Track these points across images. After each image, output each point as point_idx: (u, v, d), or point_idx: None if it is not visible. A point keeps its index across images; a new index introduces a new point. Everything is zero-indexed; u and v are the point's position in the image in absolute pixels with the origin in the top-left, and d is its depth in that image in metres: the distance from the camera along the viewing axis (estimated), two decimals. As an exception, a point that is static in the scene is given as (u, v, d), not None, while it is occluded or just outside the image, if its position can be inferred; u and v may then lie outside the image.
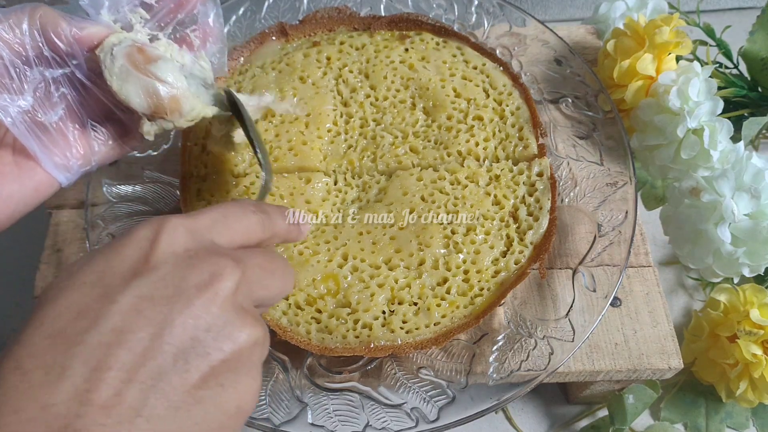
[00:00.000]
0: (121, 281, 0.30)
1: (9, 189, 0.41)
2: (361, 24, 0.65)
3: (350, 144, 0.58)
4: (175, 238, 0.32)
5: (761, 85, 0.71)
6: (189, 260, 0.31)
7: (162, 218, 0.32)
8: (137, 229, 0.32)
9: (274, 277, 0.35)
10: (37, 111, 0.42)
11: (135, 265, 0.30)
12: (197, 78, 0.47)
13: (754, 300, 0.57)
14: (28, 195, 0.42)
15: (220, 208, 0.35)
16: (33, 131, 0.42)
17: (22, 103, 0.41)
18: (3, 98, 0.40)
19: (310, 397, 0.48)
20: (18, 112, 0.41)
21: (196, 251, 0.32)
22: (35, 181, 0.43)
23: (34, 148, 0.42)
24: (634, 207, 0.55)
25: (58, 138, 0.43)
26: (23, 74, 0.41)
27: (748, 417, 0.62)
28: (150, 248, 0.31)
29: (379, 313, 0.49)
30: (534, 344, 0.50)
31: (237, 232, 0.35)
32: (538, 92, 0.64)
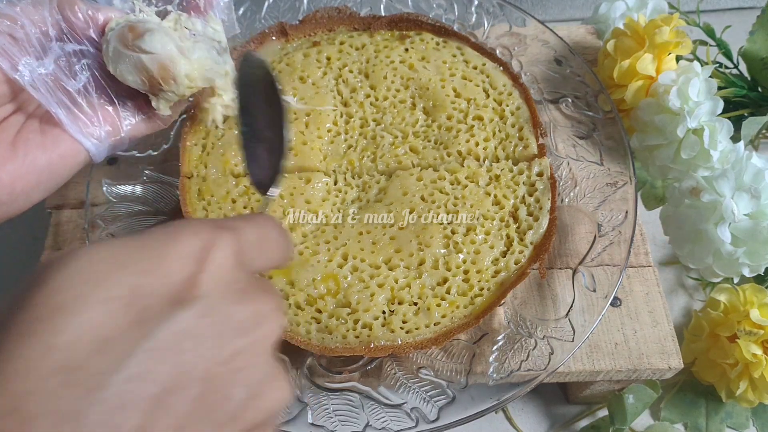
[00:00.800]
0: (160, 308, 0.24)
1: (33, 156, 0.40)
2: (361, 24, 0.65)
3: (350, 144, 0.58)
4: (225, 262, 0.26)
5: (761, 85, 0.71)
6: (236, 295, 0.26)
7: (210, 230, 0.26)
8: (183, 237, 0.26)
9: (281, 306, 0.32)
10: (60, 77, 0.42)
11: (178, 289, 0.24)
12: (211, 42, 0.47)
13: (754, 300, 0.57)
14: (54, 162, 0.41)
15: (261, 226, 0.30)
16: (55, 94, 0.41)
17: (43, 70, 0.41)
18: (23, 62, 0.40)
19: (310, 397, 0.48)
20: (39, 74, 0.41)
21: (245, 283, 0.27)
22: (60, 148, 0.42)
23: (57, 112, 0.41)
24: (634, 207, 0.55)
25: (83, 104, 0.43)
26: (44, 44, 0.41)
27: (748, 417, 0.62)
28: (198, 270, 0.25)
29: (379, 313, 0.49)
30: (534, 344, 0.50)
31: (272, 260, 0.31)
32: (538, 92, 0.64)
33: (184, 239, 0.25)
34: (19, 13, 0.40)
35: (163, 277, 0.24)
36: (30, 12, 0.41)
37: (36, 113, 0.43)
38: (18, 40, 0.40)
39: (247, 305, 0.26)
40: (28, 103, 0.43)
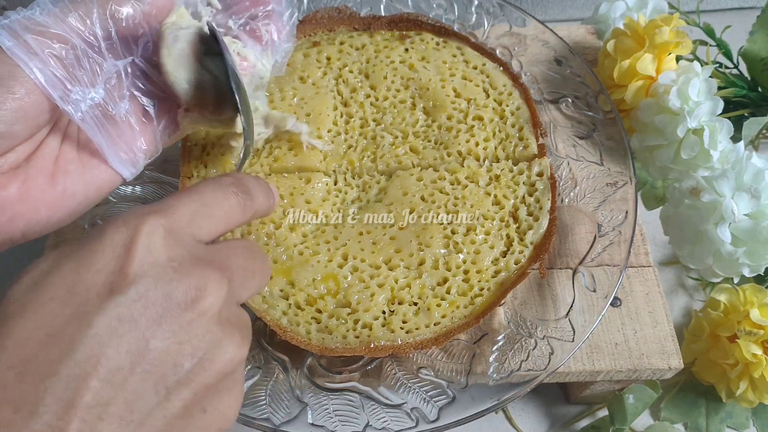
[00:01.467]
0: (96, 299, 0.26)
1: (72, 187, 0.40)
2: (361, 24, 0.65)
3: (350, 144, 0.58)
4: (155, 243, 0.28)
5: (761, 85, 0.71)
6: (172, 273, 0.28)
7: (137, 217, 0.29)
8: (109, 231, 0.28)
9: (255, 277, 0.33)
10: (108, 104, 0.40)
11: (111, 279, 0.27)
12: (254, 78, 0.46)
13: (754, 300, 0.57)
14: (91, 193, 0.41)
15: (198, 195, 0.32)
16: (102, 126, 0.40)
17: (95, 96, 0.39)
18: (75, 91, 0.38)
19: (310, 397, 0.48)
20: (89, 106, 0.39)
21: (180, 260, 0.28)
22: (99, 180, 0.41)
23: (102, 143, 0.40)
24: (634, 207, 0.55)
25: (125, 130, 0.42)
26: (96, 65, 0.39)
27: (748, 417, 0.62)
28: (126, 256, 0.27)
29: (379, 313, 0.49)
30: (534, 344, 0.50)
31: (219, 222, 0.32)
32: (538, 92, 0.64)
33: (111, 231, 0.28)
34: (68, 31, 0.37)
35: (94, 271, 0.27)
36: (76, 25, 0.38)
37: (70, 133, 0.41)
38: (68, 65, 0.38)
39: (184, 281, 0.28)
40: (62, 121, 0.41)
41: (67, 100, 0.38)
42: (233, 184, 0.35)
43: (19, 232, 0.38)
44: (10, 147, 0.37)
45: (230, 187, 0.34)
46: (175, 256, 0.28)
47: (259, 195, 0.37)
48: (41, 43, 0.36)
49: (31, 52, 0.36)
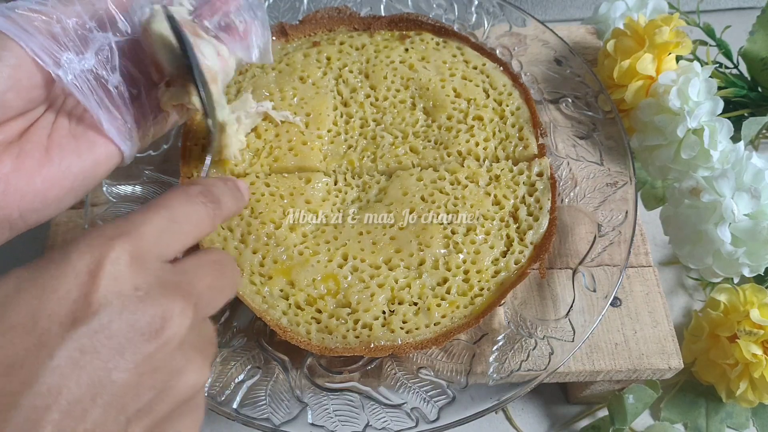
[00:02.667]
0: (59, 329, 0.26)
1: (68, 161, 0.39)
2: (361, 24, 0.65)
3: (350, 144, 0.58)
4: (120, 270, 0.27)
5: (761, 85, 0.71)
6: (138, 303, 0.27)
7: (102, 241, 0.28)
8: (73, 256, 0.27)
9: (223, 292, 0.33)
10: (100, 72, 0.40)
11: (74, 307, 0.26)
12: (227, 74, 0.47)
13: (754, 300, 0.57)
14: (87, 168, 0.40)
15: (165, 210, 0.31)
16: (95, 92, 0.40)
17: (85, 63, 0.39)
18: (66, 57, 0.38)
19: (310, 397, 0.48)
20: (82, 70, 0.39)
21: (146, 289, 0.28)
22: (95, 154, 0.41)
23: (98, 112, 0.40)
24: (634, 207, 0.55)
25: (119, 101, 0.41)
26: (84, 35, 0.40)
27: (748, 417, 0.62)
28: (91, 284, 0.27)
29: (379, 313, 0.49)
30: (534, 344, 0.50)
31: (187, 237, 0.32)
32: (538, 92, 0.64)
33: (76, 257, 0.27)
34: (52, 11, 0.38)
35: (57, 299, 0.26)
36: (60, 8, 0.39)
37: (65, 109, 0.41)
38: (56, 35, 0.38)
39: (147, 311, 0.27)
40: (57, 99, 0.41)
41: (58, 64, 0.38)
42: (201, 194, 0.34)
43: (17, 208, 0.38)
44: (3, 118, 0.38)
45: (198, 197, 0.34)
46: (140, 285, 0.28)
47: (228, 200, 0.37)
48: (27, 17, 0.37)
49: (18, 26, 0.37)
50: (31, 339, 0.25)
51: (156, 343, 0.27)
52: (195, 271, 0.31)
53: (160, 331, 0.27)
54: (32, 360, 0.25)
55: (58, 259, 0.27)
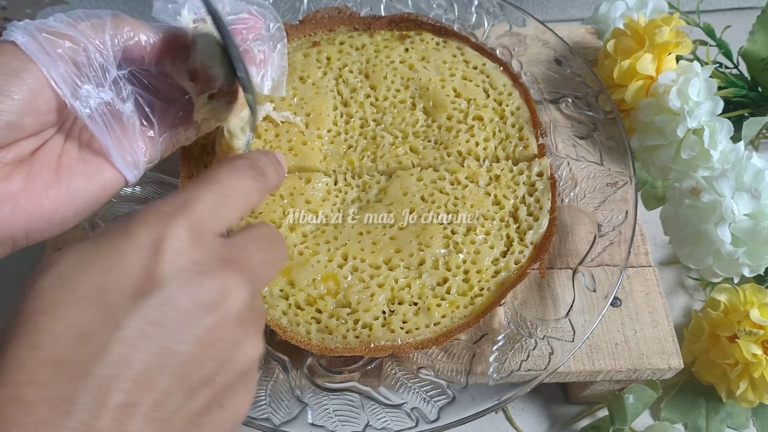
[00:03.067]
0: (126, 301, 0.27)
1: (76, 184, 0.40)
2: (361, 24, 0.65)
3: (350, 144, 0.58)
4: (180, 246, 0.29)
5: (761, 85, 0.71)
6: (197, 277, 0.29)
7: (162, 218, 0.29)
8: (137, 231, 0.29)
9: (274, 267, 0.34)
10: (115, 103, 0.41)
11: (139, 282, 0.27)
12: None
13: (754, 300, 0.57)
14: (95, 192, 0.41)
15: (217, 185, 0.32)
16: (110, 125, 0.41)
17: (103, 95, 0.40)
18: (85, 89, 0.39)
19: (310, 397, 0.48)
20: (98, 103, 0.40)
21: (205, 263, 0.29)
22: (102, 178, 0.41)
23: (108, 143, 0.41)
24: (634, 207, 0.55)
25: (129, 131, 0.42)
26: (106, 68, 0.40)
27: (748, 417, 0.62)
28: (154, 260, 0.28)
29: (379, 313, 0.49)
30: (534, 344, 0.50)
31: (239, 210, 0.33)
32: (538, 92, 0.64)
33: (137, 232, 0.28)
34: (80, 37, 0.39)
35: (123, 272, 0.27)
36: (90, 35, 0.39)
37: (75, 131, 0.42)
38: (79, 64, 0.39)
39: (208, 285, 0.29)
40: (68, 119, 0.42)
41: (77, 96, 0.39)
42: (249, 167, 0.35)
43: (22, 228, 0.38)
44: (16, 138, 0.38)
45: (246, 170, 0.35)
46: (199, 259, 0.29)
47: (272, 172, 0.37)
48: (53, 42, 0.38)
49: (43, 50, 0.37)
50: (100, 310, 0.27)
51: (217, 315, 0.28)
52: (248, 246, 0.32)
53: (221, 303, 0.29)
54: (102, 330, 0.26)
55: (120, 234, 0.28)
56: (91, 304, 0.27)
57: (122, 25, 0.41)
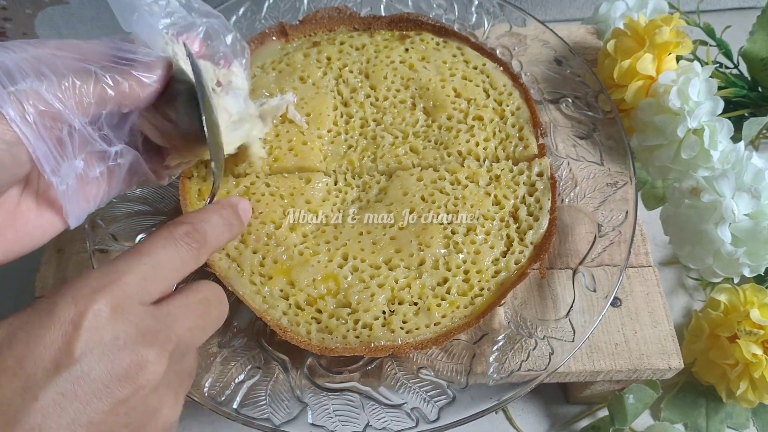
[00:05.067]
0: (44, 374, 0.28)
1: (31, 232, 0.40)
2: (361, 24, 0.65)
3: (350, 144, 0.58)
4: (101, 322, 0.30)
5: (761, 85, 0.71)
6: (116, 352, 0.30)
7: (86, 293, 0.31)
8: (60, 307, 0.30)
9: (205, 331, 0.35)
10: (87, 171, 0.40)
11: (57, 355, 0.29)
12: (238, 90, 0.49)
13: (754, 300, 0.57)
14: (46, 237, 0.41)
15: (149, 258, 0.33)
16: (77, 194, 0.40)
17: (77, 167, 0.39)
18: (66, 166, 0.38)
19: (311, 397, 0.48)
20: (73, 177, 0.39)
21: (125, 339, 0.30)
22: (53, 227, 0.41)
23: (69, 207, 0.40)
24: (635, 207, 0.55)
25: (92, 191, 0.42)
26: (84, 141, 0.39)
27: (748, 417, 0.62)
28: (73, 334, 0.29)
29: (379, 313, 0.49)
30: (534, 344, 0.50)
31: (169, 279, 0.34)
32: (538, 92, 0.64)
33: (61, 308, 0.30)
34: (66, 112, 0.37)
35: (43, 346, 0.29)
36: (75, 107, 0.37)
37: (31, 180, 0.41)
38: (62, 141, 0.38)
39: (125, 358, 0.30)
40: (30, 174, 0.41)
41: (57, 173, 0.38)
42: (187, 234, 0.36)
43: None
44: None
45: (183, 238, 0.36)
46: (119, 334, 0.30)
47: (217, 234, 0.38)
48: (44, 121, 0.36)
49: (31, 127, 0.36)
50: (18, 382, 0.28)
51: (131, 387, 0.30)
52: (177, 313, 0.33)
53: (135, 376, 0.30)
54: (18, 401, 0.28)
55: (46, 309, 0.30)
56: (10, 375, 0.28)
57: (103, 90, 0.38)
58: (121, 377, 0.30)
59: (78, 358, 0.29)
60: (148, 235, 0.54)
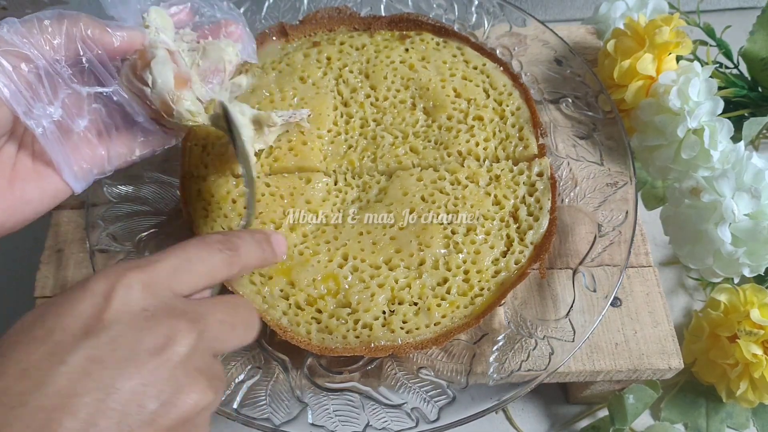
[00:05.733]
0: (72, 339, 0.29)
1: (30, 194, 0.41)
2: (361, 24, 0.65)
3: (350, 144, 0.58)
4: (131, 295, 0.31)
5: (761, 85, 0.71)
6: (145, 321, 0.30)
7: (119, 271, 0.31)
8: (92, 281, 0.31)
9: (235, 331, 0.34)
10: (66, 119, 0.41)
11: (87, 323, 0.29)
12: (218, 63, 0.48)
13: (754, 300, 0.57)
14: (46, 201, 0.42)
15: (182, 252, 0.34)
16: (59, 141, 0.41)
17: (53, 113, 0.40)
18: (37, 108, 0.39)
19: (311, 397, 0.48)
20: (50, 121, 0.40)
21: (154, 311, 0.31)
22: (54, 188, 0.42)
23: (58, 159, 0.41)
24: (635, 207, 0.55)
25: (81, 146, 0.43)
26: (56, 84, 0.40)
27: (748, 417, 0.62)
28: (104, 304, 0.30)
29: (379, 313, 0.49)
30: (534, 344, 0.50)
31: (200, 277, 0.34)
32: (538, 92, 0.64)
33: (93, 282, 0.31)
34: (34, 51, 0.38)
35: (73, 315, 0.30)
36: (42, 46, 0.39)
37: (26, 142, 0.42)
38: (31, 84, 0.39)
39: (154, 329, 0.30)
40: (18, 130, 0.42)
41: (30, 115, 0.39)
42: (219, 242, 0.36)
43: None
44: None
45: (215, 244, 0.36)
46: (148, 307, 0.31)
47: (248, 250, 0.38)
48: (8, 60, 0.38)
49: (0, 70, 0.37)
50: (46, 348, 0.28)
51: (159, 358, 0.30)
52: (206, 306, 0.33)
53: (163, 347, 0.30)
54: (45, 365, 0.28)
55: (78, 286, 0.31)
56: (38, 342, 0.29)
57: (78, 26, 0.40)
58: (149, 346, 0.29)
59: (106, 326, 0.29)
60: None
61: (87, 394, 0.27)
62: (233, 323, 0.34)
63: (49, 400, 0.27)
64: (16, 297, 0.70)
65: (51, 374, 0.28)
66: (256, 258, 0.39)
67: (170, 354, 0.30)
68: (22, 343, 0.29)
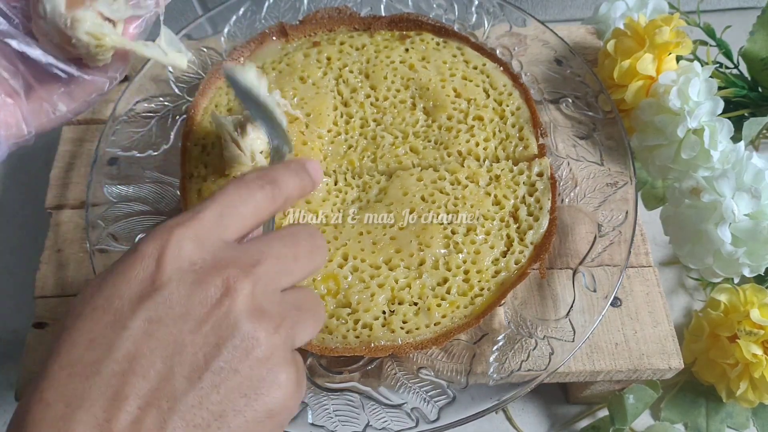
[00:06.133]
0: (130, 305, 0.30)
1: None
2: (362, 24, 0.65)
3: (350, 144, 0.58)
4: (181, 251, 0.31)
5: (761, 85, 0.71)
6: (194, 275, 0.31)
7: (166, 230, 0.32)
8: (143, 244, 0.31)
9: (298, 261, 0.34)
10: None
11: (142, 287, 0.30)
12: None
13: (754, 300, 0.57)
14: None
15: (223, 197, 0.34)
16: None
17: None
18: None
19: (311, 397, 0.48)
20: None
21: (202, 264, 0.31)
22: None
23: None
24: (635, 207, 0.55)
25: None
26: None
27: (748, 417, 0.62)
28: (156, 267, 0.31)
29: (379, 313, 0.50)
30: (534, 344, 0.50)
31: (246, 218, 0.34)
32: (538, 92, 0.64)
33: (143, 247, 0.31)
34: None
35: (128, 282, 0.31)
36: None
37: None
38: None
39: (205, 281, 0.31)
40: None
41: None
42: (257, 178, 0.36)
43: None
44: None
45: (254, 181, 0.35)
46: (196, 260, 0.31)
47: (288, 179, 0.37)
48: None
49: None
50: (108, 317, 0.30)
51: (216, 308, 0.30)
52: (259, 246, 0.33)
53: (220, 298, 0.30)
54: (110, 333, 0.29)
55: (131, 253, 0.32)
56: (101, 312, 0.30)
57: None
58: (201, 298, 0.30)
59: (159, 287, 0.30)
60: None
61: (153, 354, 0.29)
62: (295, 254, 0.34)
63: (119, 365, 0.29)
64: (16, 297, 0.70)
65: (117, 340, 0.29)
66: (296, 187, 0.37)
67: (224, 303, 0.30)
68: (85, 314, 0.30)
